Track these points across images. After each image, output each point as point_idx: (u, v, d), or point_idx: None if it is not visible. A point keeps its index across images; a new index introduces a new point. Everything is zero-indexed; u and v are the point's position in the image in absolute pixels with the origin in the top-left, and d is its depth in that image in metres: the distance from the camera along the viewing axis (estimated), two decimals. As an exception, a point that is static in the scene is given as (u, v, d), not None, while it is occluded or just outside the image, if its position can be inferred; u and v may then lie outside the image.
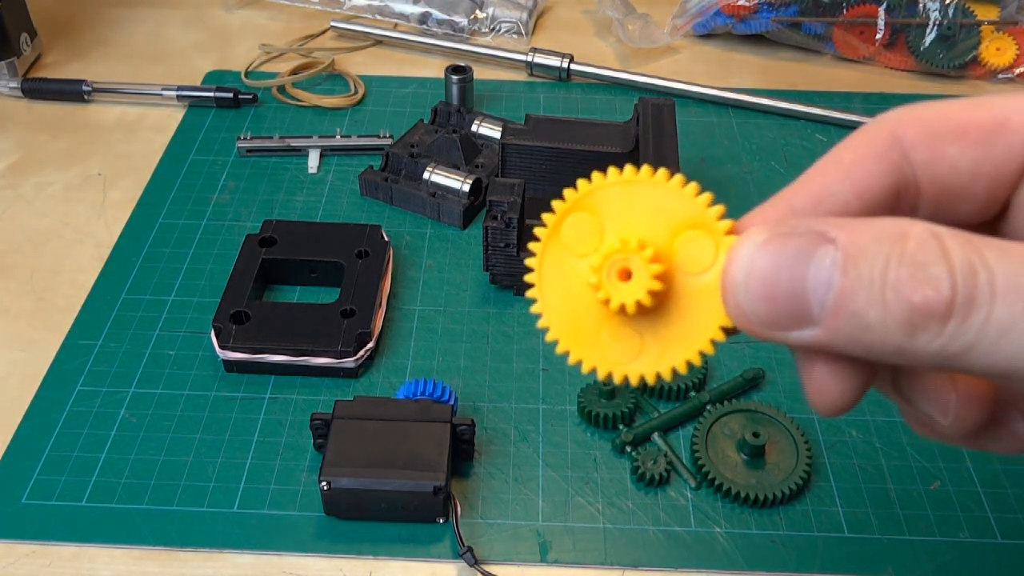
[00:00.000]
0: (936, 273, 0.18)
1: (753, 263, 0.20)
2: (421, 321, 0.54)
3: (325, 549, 0.42)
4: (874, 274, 0.19)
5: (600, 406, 0.48)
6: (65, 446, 0.46)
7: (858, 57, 0.77)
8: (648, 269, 0.22)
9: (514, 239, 0.53)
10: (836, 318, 0.19)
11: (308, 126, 0.69)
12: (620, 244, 0.23)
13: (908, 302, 0.18)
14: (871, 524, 0.44)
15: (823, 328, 0.20)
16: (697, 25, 0.80)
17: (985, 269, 0.18)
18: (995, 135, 0.22)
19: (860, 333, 0.19)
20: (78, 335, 0.52)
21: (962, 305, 0.18)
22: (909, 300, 0.18)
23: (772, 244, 0.20)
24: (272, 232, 0.56)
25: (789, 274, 0.20)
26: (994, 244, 0.19)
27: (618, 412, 0.47)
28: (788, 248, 0.20)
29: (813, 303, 0.19)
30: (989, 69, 0.75)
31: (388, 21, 0.82)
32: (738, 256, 0.21)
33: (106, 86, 0.72)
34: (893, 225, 0.19)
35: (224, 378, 0.50)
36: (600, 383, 0.48)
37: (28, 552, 0.42)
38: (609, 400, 0.48)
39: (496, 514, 0.44)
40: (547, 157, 0.55)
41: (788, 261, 0.20)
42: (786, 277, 0.20)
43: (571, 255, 0.24)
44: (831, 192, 0.23)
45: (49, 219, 0.61)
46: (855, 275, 0.19)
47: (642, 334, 0.24)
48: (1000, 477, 0.46)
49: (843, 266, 0.19)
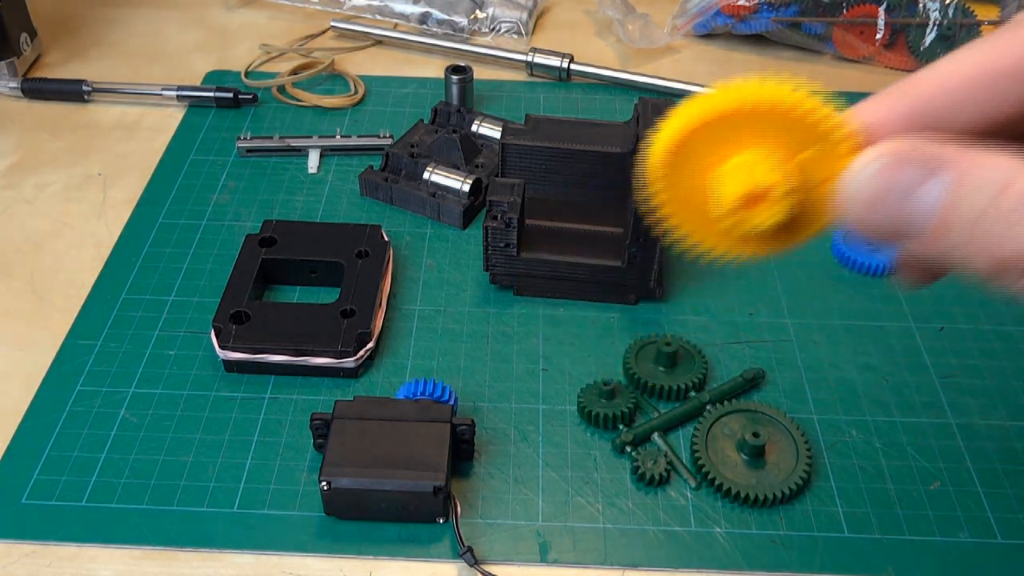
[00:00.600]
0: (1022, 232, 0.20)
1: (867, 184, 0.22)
2: (421, 321, 0.54)
3: (325, 549, 0.42)
4: (972, 217, 0.20)
5: (600, 406, 0.48)
6: (65, 446, 0.46)
7: (858, 57, 0.77)
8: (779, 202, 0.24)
9: (514, 239, 0.53)
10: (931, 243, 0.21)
11: (308, 126, 0.69)
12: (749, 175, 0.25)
13: (993, 254, 0.20)
14: (871, 524, 0.44)
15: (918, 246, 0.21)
16: (697, 25, 0.80)
17: None
18: None
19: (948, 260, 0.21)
20: (78, 335, 0.52)
21: None
22: (994, 253, 0.20)
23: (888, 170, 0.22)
24: (272, 232, 0.56)
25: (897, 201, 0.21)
26: None
27: (618, 412, 0.47)
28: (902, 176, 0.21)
29: (913, 227, 0.21)
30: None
31: (388, 21, 0.82)
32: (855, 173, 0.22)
33: (106, 86, 0.72)
34: (1001, 172, 0.20)
35: (224, 378, 0.50)
36: (600, 383, 0.48)
37: (28, 552, 0.42)
38: (609, 400, 0.48)
39: (496, 514, 0.44)
40: (547, 157, 0.55)
41: (898, 188, 0.21)
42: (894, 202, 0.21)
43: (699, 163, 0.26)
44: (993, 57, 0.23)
45: (49, 219, 0.61)
46: (955, 213, 0.20)
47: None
48: (1000, 477, 0.46)
49: (947, 202, 0.21)
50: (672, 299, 0.55)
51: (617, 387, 0.48)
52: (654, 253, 0.52)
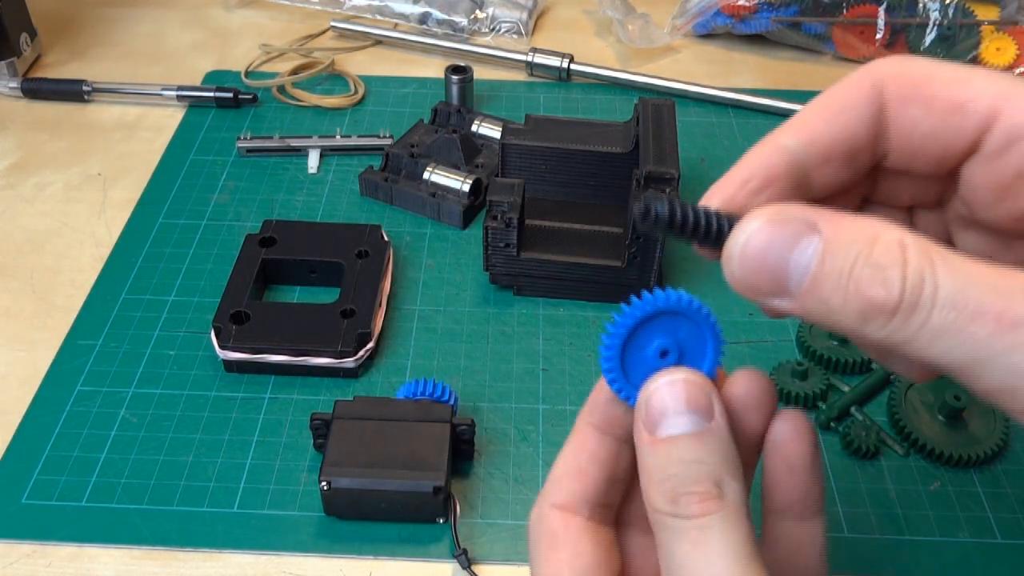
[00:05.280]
0: (891, 276, 0.21)
1: (749, 241, 0.24)
2: (421, 321, 0.54)
3: (325, 549, 0.42)
4: (844, 268, 0.22)
5: (794, 386, 0.49)
6: (65, 446, 0.46)
7: (858, 57, 0.77)
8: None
9: (514, 239, 0.53)
10: (808, 297, 0.23)
11: (308, 126, 0.69)
12: None
13: (864, 296, 0.22)
14: (871, 524, 0.44)
15: (796, 302, 0.23)
16: (697, 25, 0.80)
17: (932, 281, 0.21)
18: (953, 114, 0.25)
19: (824, 312, 0.23)
20: (78, 335, 0.52)
21: (906, 307, 0.21)
22: (865, 294, 0.22)
23: (767, 228, 0.23)
24: (272, 232, 0.56)
25: (776, 256, 0.23)
26: (951, 260, 0.22)
27: (812, 392, 0.49)
28: (780, 234, 0.23)
29: (792, 282, 0.23)
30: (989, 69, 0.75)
31: (388, 21, 0.82)
32: (738, 232, 0.24)
33: (106, 86, 0.72)
34: (870, 228, 0.22)
35: (224, 378, 0.50)
36: (793, 363, 0.50)
37: (28, 552, 0.42)
38: (803, 380, 0.49)
39: (496, 514, 0.44)
40: (547, 157, 0.55)
41: (777, 245, 0.23)
42: (773, 258, 0.23)
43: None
44: (820, 134, 0.27)
45: (49, 219, 0.61)
46: (829, 266, 0.22)
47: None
48: (1000, 477, 0.46)
49: (821, 257, 0.22)
50: (672, 299, 0.55)
51: (809, 368, 0.50)
52: (654, 253, 0.52)
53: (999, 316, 0.21)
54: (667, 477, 0.24)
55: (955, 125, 0.25)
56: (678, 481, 0.24)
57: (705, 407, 0.25)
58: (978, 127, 0.25)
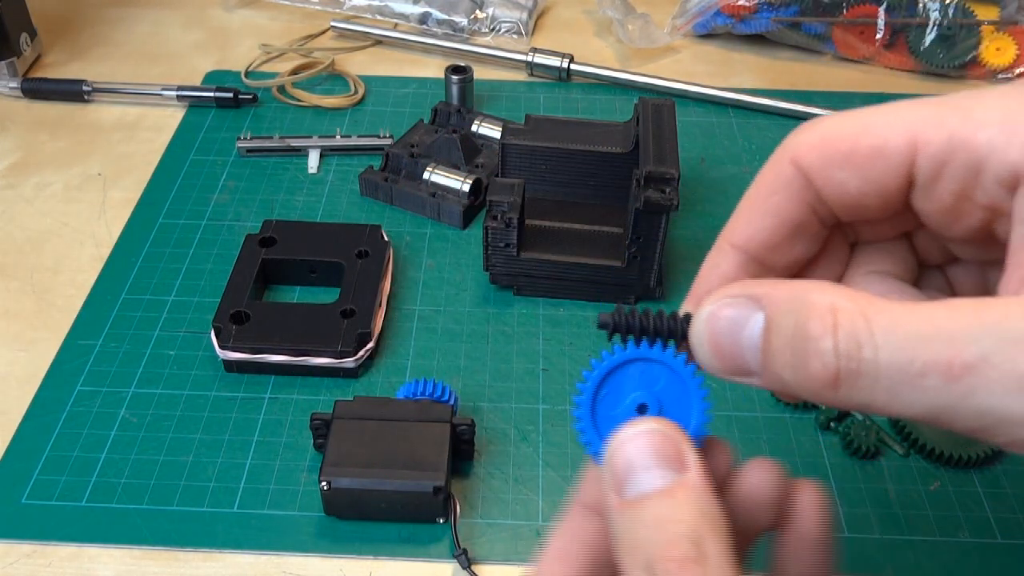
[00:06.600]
0: (823, 347, 0.21)
1: (703, 331, 0.24)
2: (421, 321, 0.54)
3: (325, 549, 0.42)
4: (785, 342, 0.22)
5: None
6: (65, 446, 0.46)
7: (858, 57, 0.77)
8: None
9: (514, 239, 0.53)
10: (767, 374, 0.23)
11: (308, 126, 0.69)
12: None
13: (806, 370, 0.21)
14: (871, 524, 0.44)
15: (762, 380, 0.23)
16: (697, 25, 0.80)
17: (871, 344, 0.20)
18: (875, 160, 0.25)
19: (785, 387, 0.22)
20: (78, 335, 0.52)
21: (845, 377, 0.21)
22: (806, 369, 0.21)
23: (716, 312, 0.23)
24: (272, 232, 0.56)
25: (729, 339, 0.23)
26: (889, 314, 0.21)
27: None
28: (727, 316, 0.23)
29: (750, 362, 0.23)
30: (989, 69, 0.75)
31: (388, 21, 0.82)
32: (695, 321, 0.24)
33: (106, 86, 0.72)
34: (803, 294, 0.22)
35: (224, 378, 0.50)
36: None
37: (28, 552, 0.42)
38: None
39: (496, 514, 0.44)
40: (547, 157, 0.55)
41: (726, 328, 0.23)
42: (727, 342, 0.23)
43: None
44: (756, 228, 0.27)
45: (49, 219, 0.61)
46: (774, 342, 0.22)
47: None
48: (1000, 477, 0.46)
49: (766, 334, 0.22)
50: (672, 299, 0.55)
51: None
52: (654, 253, 0.52)
53: (949, 364, 0.20)
54: (639, 542, 0.22)
55: (881, 170, 0.25)
56: (652, 546, 0.22)
57: (675, 457, 0.23)
58: (903, 164, 0.24)
